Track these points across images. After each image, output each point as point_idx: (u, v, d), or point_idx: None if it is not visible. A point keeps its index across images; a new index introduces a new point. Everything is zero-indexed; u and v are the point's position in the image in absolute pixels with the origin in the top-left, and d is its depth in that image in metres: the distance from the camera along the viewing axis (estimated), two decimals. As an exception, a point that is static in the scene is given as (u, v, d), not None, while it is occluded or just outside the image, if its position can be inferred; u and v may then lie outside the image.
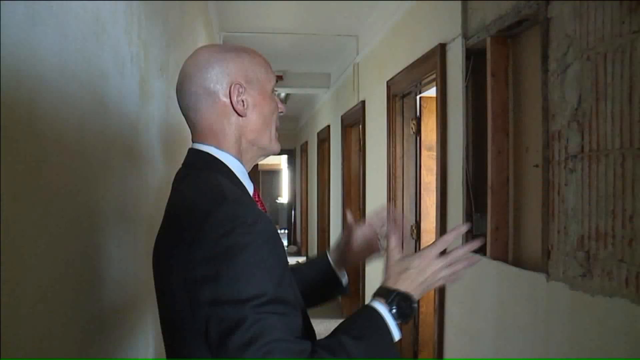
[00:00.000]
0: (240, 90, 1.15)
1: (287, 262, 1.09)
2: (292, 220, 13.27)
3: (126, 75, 1.50)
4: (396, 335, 1.06)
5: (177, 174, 1.20)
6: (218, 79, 1.15)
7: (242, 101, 1.16)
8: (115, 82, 1.40)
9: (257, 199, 1.22)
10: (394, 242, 1.16)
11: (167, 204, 1.16)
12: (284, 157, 15.30)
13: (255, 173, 16.07)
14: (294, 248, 12.58)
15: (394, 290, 1.08)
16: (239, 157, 1.19)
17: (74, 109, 1.11)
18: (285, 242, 13.79)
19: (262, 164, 17.17)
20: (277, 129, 1.25)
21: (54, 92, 1.01)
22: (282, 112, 1.26)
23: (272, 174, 18.54)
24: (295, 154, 12.85)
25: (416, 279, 1.10)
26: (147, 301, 1.84)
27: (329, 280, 1.47)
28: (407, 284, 1.09)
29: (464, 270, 1.16)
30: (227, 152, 1.17)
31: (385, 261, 1.14)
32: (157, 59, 1.93)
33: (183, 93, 1.17)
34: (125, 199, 1.63)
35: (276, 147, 1.25)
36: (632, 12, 1.53)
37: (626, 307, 1.54)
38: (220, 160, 1.16)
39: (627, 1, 1.55)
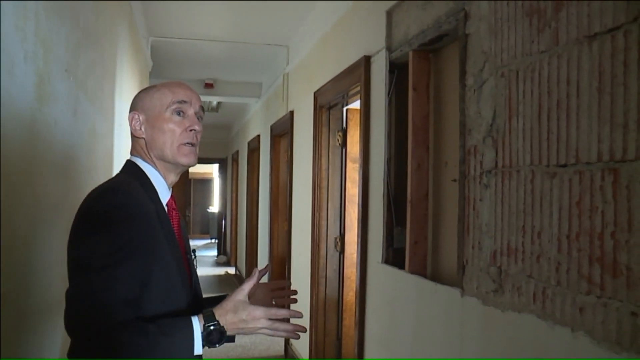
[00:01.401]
0: (136, 118, 1.43)
1: (153, 251, 1.31)
2: (223, 230, 13.07)
3: (17, 75, 1.39)
4: (197, 350, 1.26)
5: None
6: (129, 112, 1.45)
7: (140, 126, 1.43)
8: (1, 81, 1.28)
9: (174, 207, 1.48)
10: (247, 285, 1.36)
11: None
12: (216, 166, 15.08)
13: (184, 181, 15.81)
14: (223, 258, 12.37)
15: (216, 321, 1.28)
16: (157, 169, 1.44)
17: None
18: (214, 252, 13.56)
19: (194, 172, 16.89)
20: (190, 144, 1.43)
21: None
22: (192, 128, 1.43)
23: (204, 182, 18.25)
24: (226, 163, 12.68)
25: (237, 324, 1.31)
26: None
27: None
28: (229, 323, 1.30)
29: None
30: (149, 163, 1.44)
31: (231, 294, 1.35)
32: (62, 59, 1.81)
33: None
34: (32, 203, 1.54)
35: (183, 160, 1.43)
36: (540, 33, 1.55)
37: (533, 322, 1.55)
38: (140, 168, 1.43)
39: (535, 22, 1.57)
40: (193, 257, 1.60)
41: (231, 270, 10.80)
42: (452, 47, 2.28)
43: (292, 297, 1.72)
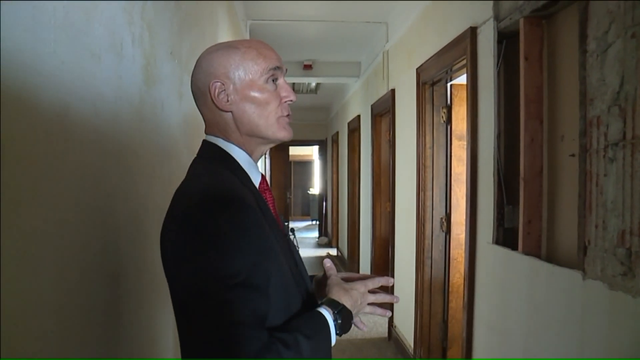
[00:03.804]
0: (220, 87, 1.20)
1: (271, 249, 1.15)
2: (324, 212, 13.19)
3: (126, 57, 1.41)
4: (333, 341, 1.17)
5: (191, 164, 1.27)
6: (201, 79, 1.23)
7: (226, 97, 1.21)
8: (110, 63, 1.30)
9: (265, 187, 1.30)
10: (328, 262, 1.31)
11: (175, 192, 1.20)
12: (315, 148, 15.19)
13: (286, 163, 16.08)
14: (324, 239, 12.49)
15: (341, 305, 1.19)
16: (244, 148, 1.25)
17: (52, 91, 1.01)
18: (315, 234, 13.72)
19: (294, 155, 17.12)
20: (286, 116, 1.26)
21: (27, 70, 0.91)
22: (289, 99, 1.26)
23: (304, 164, 18.48)
24: (326, 144, 12.74)
25: (357, 302, 1.22)
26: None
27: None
28: (350, 303, 1.21)
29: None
30: (233, 143, 1.24)
31: (328, 277, 1.28)
32: (167, 42, 1.83)
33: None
34: (142, 183, 1.56)
35: (281, 134, 1.26)
36: (683, -19, 1.38)
37: (672, 310, 1.40)
38: (225, 151, 1.24)
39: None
40: (292, 236, 1.52)
41: (333, 252, 10.88)
42: (569, 11, 2.11)
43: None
